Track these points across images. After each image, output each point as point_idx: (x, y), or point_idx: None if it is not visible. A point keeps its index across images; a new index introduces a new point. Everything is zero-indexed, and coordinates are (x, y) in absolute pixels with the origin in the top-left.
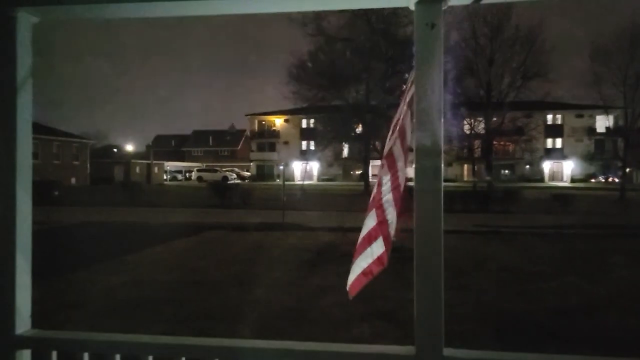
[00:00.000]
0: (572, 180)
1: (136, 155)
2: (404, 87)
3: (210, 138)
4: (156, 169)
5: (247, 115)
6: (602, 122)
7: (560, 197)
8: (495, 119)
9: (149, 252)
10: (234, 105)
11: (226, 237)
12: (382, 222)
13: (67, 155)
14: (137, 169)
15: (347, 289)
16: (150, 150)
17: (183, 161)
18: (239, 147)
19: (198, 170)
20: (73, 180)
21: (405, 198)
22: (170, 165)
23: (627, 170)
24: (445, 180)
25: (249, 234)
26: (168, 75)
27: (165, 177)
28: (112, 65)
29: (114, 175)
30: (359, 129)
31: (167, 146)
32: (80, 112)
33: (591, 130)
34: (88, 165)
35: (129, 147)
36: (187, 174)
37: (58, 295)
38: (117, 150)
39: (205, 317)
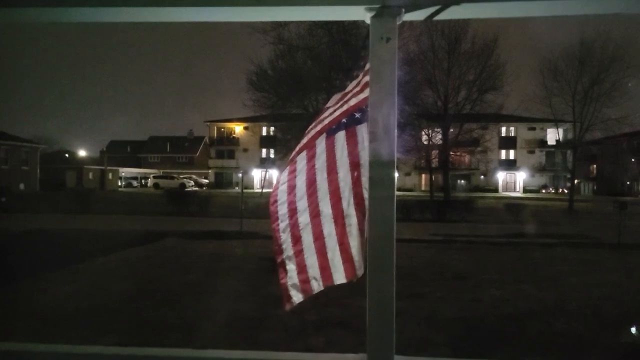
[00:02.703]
0: (525, 191)
1: (89, 160)
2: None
3: (168, 144)
4: (110, 175)
5: (206, 122)
6: (553, 135)
7: (513, 207)
8: (452, 130)
9: (101, 261)
10: (192, 111)
11: (182, 245)
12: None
13: (16, 160)
14: (90, 175)
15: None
16: (105, 156)
17: (139, 167)
18: (197, 154)
19: (154, 177)
20: (22, 186)
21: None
22: (126, 171)
23: (576, 181)
24: (404, 190)
25: (206, 242)
26: (124, 80)
27: (120, 184)
28: (66, 69)
29: (65, 181)
30: None
31: (122, 152)
32: (31, 116)
33: (542, 143)
34: (38, 170)
35: (82, 153)
36: (142, 181)
37: (6, 305)
38: (70, 155)
39: (158, 327)
